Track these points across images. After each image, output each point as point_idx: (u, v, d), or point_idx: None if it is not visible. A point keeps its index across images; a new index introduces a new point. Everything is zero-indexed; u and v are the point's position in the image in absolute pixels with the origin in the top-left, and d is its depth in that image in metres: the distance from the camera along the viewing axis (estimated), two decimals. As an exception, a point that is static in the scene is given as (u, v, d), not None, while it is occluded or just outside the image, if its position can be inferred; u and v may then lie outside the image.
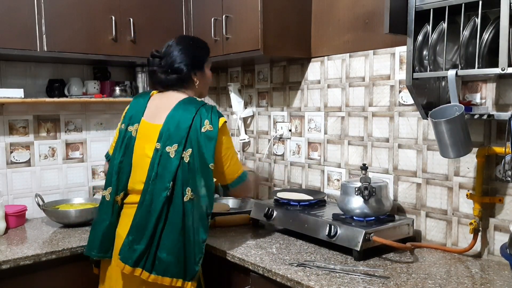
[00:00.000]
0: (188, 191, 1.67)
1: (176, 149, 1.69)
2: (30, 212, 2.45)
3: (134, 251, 1.65)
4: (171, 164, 1.68)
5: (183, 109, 1.74)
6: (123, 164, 1.80)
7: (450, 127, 1.55)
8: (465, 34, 1.56)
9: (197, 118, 1.71)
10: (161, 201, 1.66)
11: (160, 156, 1.70)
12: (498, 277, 1.60)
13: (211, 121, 1.71)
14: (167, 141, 1.70)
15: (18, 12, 2.13)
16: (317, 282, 1.55)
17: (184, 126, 1.70)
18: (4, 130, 2.44)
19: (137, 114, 1.83)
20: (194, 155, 1.68)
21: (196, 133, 1.69)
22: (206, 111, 1.73)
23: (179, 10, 2.67)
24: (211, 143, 1.69)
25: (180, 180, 1.68)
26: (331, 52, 2.36)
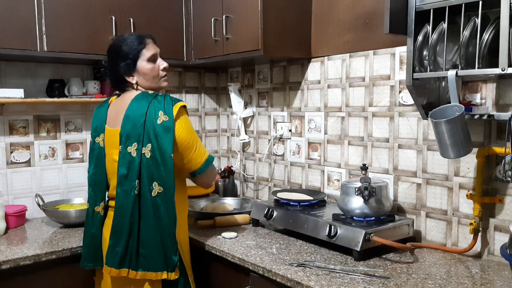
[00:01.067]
0: (155, 185, 1.69)
1: (136, 147, 1.70)
2: (30, 212, 2.45)
3: (116, 253, 1.70)
4: (133, 163, 1.70)
5: (135, 106, 1.74)
6: (96, 176, 1.86)
7: (450, 127, 1.55)
8: (465, 34, 1.56)
9: (151, 111, 1.70)
10: (131, 201, 1.70)
11: (122, 158, 1.73)
12: (498, 277, 1.60)
13: (165, 111, 1.70)
14: (126, 141, 1.72)
15: (18, 12, 2.13)
16: (317, 282, 1.55)
17: (139, 123, 1.70)
18: (4, 130, 2.44)
19: (100, 124, 1.86)
20: (154, 149, 1.68)
21: (152, 126, 1.69)
22: (158, 102, 1.72)
23: (179, 10, 2.67)
24: (169, 133, 1.68)
25: (145, 176, 1.69)
26: (331, 52, 2.36)
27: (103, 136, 1.84)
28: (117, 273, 1.71)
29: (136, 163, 1.70)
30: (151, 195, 1.69)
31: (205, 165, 1.78)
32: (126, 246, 1.70)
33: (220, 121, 3.20)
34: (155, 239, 1.70)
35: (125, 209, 1.71)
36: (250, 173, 2.93)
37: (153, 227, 1.70)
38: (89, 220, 1.87)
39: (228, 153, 3.15)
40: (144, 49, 1.81)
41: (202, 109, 3.14)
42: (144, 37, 1.84)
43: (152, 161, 1.69)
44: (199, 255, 2.04)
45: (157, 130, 1.68)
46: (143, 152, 1.70)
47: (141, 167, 1.70)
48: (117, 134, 1.76)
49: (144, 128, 1.69)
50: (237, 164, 3.01)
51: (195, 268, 1.92)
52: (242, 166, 2.99)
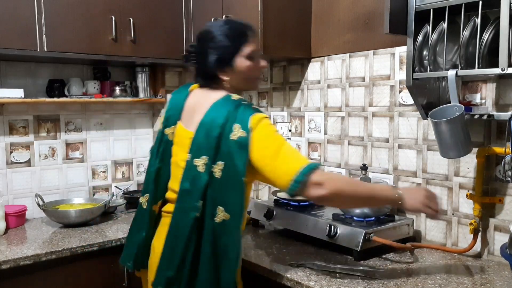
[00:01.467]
0: (220, 211, 1.44)
1: (206, 162, 1.45)
2: (30, 212, 2.45)
3: (163, 276, 1.49)
4: (200, 180, 1.45)
5: (214, 113, 1.47)
6: (162, 172, 1.63)
7: (450, 127, 1.55)
8: (465, 34, 1.56)
9: (228, 124, 1.44)
10: (189, 222, 1.45)
11: (188, 170, 1.49)
12: (498, 277, 1.60)
13: (242, 125, 1.42)
14: (196, 152, 1.48)
15: (18, 12, 2.13)
16: (317, 282, 1.55)
17: (213, 135, 1.44)
18: (4, 130, 2.44)
19: (174, 115, 1.62)
20: (227, 168, 1.43)
21: (227, 142, 1.43)
22: (237, 113, 1.44)
23: (179, 10, 2.67)
24: (244, 152, 1.41)
25: (210, 198, 1.45)
26: (331, 52, 2.36)
27: (173, 129, 1.61)
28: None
29: (203, 180, 1.44)
30: (214, 221, 1.44)
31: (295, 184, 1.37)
32: (177, 272, 1.46)
33: (220, 121, 3.20)
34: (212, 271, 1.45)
35: (181, 230, 1.47)
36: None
37: (209, 258, 1.45)
38: (143, 218, 1.65)
39: (228, 153, 3.15)
40: (246, 43, 1.54)
41: (202, 109, 3.13)
42: (246, 28, 1.57)
43: (221, 182, 1.44)
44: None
45: (231, 147, 1.42)
46: (212, 170, 1.44)
47: (207, 187, 1.45)
48: (189, 138, 1.52)
49: (218, 142, 1.44)
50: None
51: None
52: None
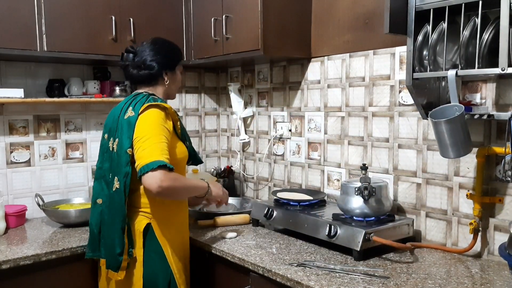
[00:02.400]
0: (115, 180, 1.70)
1: (112, 142, 1.75)
2: (30, 212, 2.45)
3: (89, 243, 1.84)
4: (109, 158, 1.75)
5: (120, 104, 1.80)
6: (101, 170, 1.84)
7: (450, 127, 1.55)
8: (465, 34, 1.56)
9: (125, 107, 1.74)
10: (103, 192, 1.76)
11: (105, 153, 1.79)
12: (498, 277, 1.60)
13: (134, 108, 1.71)
14: (109, 136, 1.78)
15: (18, 12, 2.13)
16: (317, 282, 1.55)
17: (115, 118, 1.75)
18: (4, 130, 2.44)
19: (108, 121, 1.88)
20: (119, 143, 1.71)
21: (121, 120, 1.72)
22: (135, 99, 1.75)
23: (179, 10, 2.67)
24: (130, 129, 1.67)
25: (111, 170, 1.74)
26: (331, 52, 2.36)
27: None
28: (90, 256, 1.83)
29: (107, 156, 1.76)
30: (112, 189, 1.71)
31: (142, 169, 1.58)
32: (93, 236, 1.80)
33: (220, 121, 3.20)
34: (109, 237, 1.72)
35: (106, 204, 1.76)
36: (250, 173, 2.93)
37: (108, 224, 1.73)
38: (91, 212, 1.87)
39: (228, 153, 3.15)
40: (181, 61, 1.94)
41: (202, 109, 3.14)
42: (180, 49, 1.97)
43: (116, 156, 1.71)
44: (199, 255, 2.04)
45: (123, 124, 1.70)
46: (113, 146, 1.74)
47: (111, 162, 1.74)
48: None
49: (117, 123, 1.74)
50: (237, 164, 3.01)
51: (195, 268, 1.92)
52: (242, 166, 2.99)
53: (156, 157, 1.59)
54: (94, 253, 1.84)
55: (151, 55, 1.82)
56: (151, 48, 1.84)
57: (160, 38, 1.91)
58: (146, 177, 1.58)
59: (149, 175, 1.57)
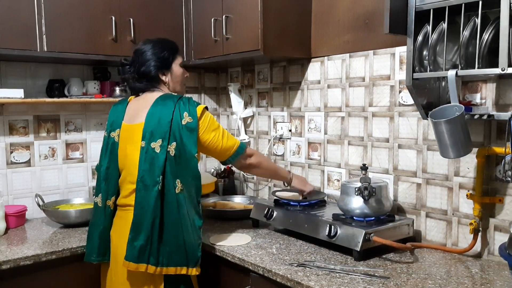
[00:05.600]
0: (178, 183, 1.73)
1: (161, 144, 1.74)
2: (30, 212, 2.45)
3: (134, 247, 1.70)
4: (158, 159, 1.73)
5: (161, 105, 1.79)
6: (110, 170, 1.87)
7: (450, 127, 1.55)
8: (465, 34, 1.56)
9: (177, 112, 1.76)
10: (154, 196, 1.71)
11: (146, 153, 1.75)
12: (498, 277, 1.60)
13: (190, 112, 1.77)
14: (151, 137, 1.75)
15: (18, 12, 2.13)
16: (317, 282, 1.55)
17: (165, 121, 1.75)
18: (4, 130, 2.44)
19: (117, 119, 1.90)
20: (179, 147, 1.74)
21: (178, 126, 1.75)
22: (183, 104, 1.79)
23: (179, 10, 2.67)
24: (193, 134, 1.76)
25: (169, 173, 1.73)
26: (331, 52, 2.36)
27: (118, 131, 1.87)
28: (135, 267, 1.69)
29: (160, 158, 1.73)
30: (175, 191, 1.72)
31: (234, 155, 1.89)
32: (146, 241, 1.69)
33: (220, 121, 3.20)
34: (177, 236, 1.72)
35: (146, 204, 1.71)
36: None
37: (176, 223, 1.72)
38: (100, 215, 1.87)
39: (228, 153, 3.15)
40: (178, 54, 1.95)
41: (202, 109, 3.14)
42: (176, 44, 1.98)
43: (176, 159, 1.74)
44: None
45: (182, 130, 1.75)
46: (168, 149, 1.73)
47: (165, 163, 1.73)
48: (137, 129, 1.80)
49: (170, 126, 1.75)
50: (237, 164, 3.00)
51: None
52: (242, 166, 2.99)
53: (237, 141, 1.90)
54: (104, 257, 1.86)
55: (143, 63, 1.87)
56: (142, 54, 1.88)
57: (149, 41, 1.92)
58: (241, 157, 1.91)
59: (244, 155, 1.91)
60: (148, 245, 1.70)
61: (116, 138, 1.87)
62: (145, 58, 1.87)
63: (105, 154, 1.90)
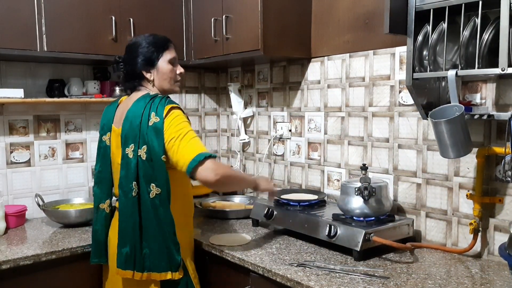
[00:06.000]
0: (152, 187, 1.69)
1: (133, 149, 1.70)
2: (30, 212, 2.45)
3: (121, 254, 1.72)
4: (130, 164, 1.70)
5: (135, 107, 1.74)
6: (102, 174, 1.88)
7: (450, 127, 1.55)
8: (465, 34, 1.56)
9: (146, 113, 1.69)
10: (130, 202, 1.70)
11: (122, 159, 1.73)
12: (498, 277, 1.60)
13: (157, 112, 1.68)
14: (125, 143, 1.73)
15: (18, 12, 2.13)
16: (317, 282, 1.55)
17: (135, 125, 1.70)
18: (4, 130, 2.44)
19: (108, 122, 1.87)
20: (150, 150, 1.67)
21: (146, 128, 1.68)
22: (154, 103, 1.71)
23: (179, 10, 2.67)
24: (159, 135, 1.66)
25: (142, 178, 1.69)
26: (331, 52, 2.36)
27: (109, 134, 1.86)
28: (123, 274, 1.72)
29: (132, 164, 1.70)
30: (149, 196, 1.69)
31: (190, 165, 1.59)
32: (131, 247, 1.71)
33: (220, 121, 3.20)
34: (157, 240, 1.70)
35: (126, 210, 1.73)
36: (250, 173, 2.93)
37: (155, 228, 1.70)
38: (95, 217, 1.91)
39: (228, 153, 3.15)
40: (167, 50, 1.85)
41: (202, 109, 3.14)
42: (167, 39, 1.88)
43: (148, 163, 1.68)
44: (199, 254, 2.03)
45: (149, 132, 1.67)
46: (139, 154, 1.69)
47: (138, 169, 1.69)
48: (118, 135, 1.78)
49: (140, 129, 1.69)
50: (237, 164, 3.01)
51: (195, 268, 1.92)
52: (242, 166, 2.99)
53: (199, 150, 1.61)
54: (100, 259, 1.89)
55: (129, 60, 1.83)
56: (129, 52, 1.85)
57: (136, 38, 1.88)
58: (199, 171, 1.58)
59: (202, 168, 1.58)
60: (133, 251, 1.71)
61: (108, 141, 1.86)
62: (132, 55, 1.83)
63: (98, 158, 1.90)
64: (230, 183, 1.74)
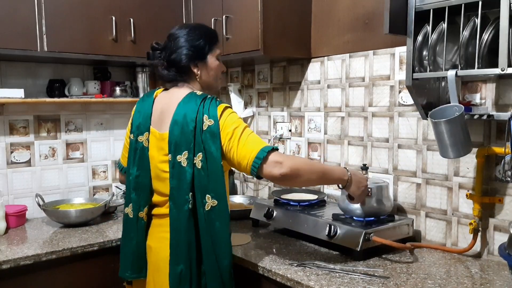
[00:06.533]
0: (208, 198, 1.53)
1: (187, 157, 1.54)
2: (31, 212, 2.45)
3: (175, 271, 1.55)
4: (184, 174, 1.54)
5: (184, 110, 1.57)
6: (140, 179, 1.68)
7: (450, 128, 1.55)
8: (465, 34, 1.56)
9: (200, 116, 1.54)
10: (185, 216, 1.54)
11: (172, 167, 1.57)
12: (498, 277, 1.60)
13: (210, 114, 1.53)
14: (176, 150, 1.56)
15: (19, 12, 2.13)
16: (317, 282, 1.55)
17: (188, 130, 1.54)
18: (5, 130, 2.45)
19: (144, 122, 1.68)
20: (206, 158, 1.53)
21: (200, 133, 1.53)
22: (205, 105, 1.56)
23: (179, 10, 2.67)
24: (216, 139, 1.52)
25: (198, 189, 1.54)
26: (331, 53, 2.36)
27: (147, 135, 1.67)
28: None
29: (188, 174, 1.53)
30: (204, 209, 1.53)
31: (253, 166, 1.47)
32: (186, 265, 1.54)
33: (220, 121, 3.20)
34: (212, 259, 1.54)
35: (179, 224, 1.55)
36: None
37: (209, 246, 1.54)
38: (131, 227, 1.69)
39: (228, 153, 3.15)
40: (216, 44, 1.72)
41: (202, 109, 3.13)
42: (216, 33, 1.75)
43: (203, 172, 1.53)
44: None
45: (204, 137, 1.52)
46: (194, 162, 1.53)
47: (193, 179, 1.53)
48: (164, 140, 1.61)
49: (194, 135, 1.53)
50: (237, 164, 3.00)
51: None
52: (242, 166, 2.99)
53: (260, 145, 1.48)
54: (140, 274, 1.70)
55: (174, 49, 1.65)
56: (176, 39, 1.66)
57: (186, 25, 1.72)
58: (265, 167, 1.46)
59: (266, 164, 1.46)
60: (188, 269, 1.54)
61: (145, 143, 1.66)
62: (178, 44, 1.64)
63: (134, 161, 1.69)
64: (303, 175, 1.53)
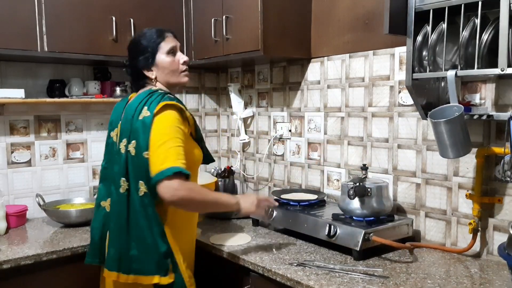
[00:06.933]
0: (141, 185, 1.59)
1: (125, 144, 1.63)
2: (31, 212, 2.45)
3: (109, 255, 1.64)
4: (121, 160, 1.63)
5: (133, 102, 1.68)
6: (107, 171, 1.75)
7: (449, 128, 1.55)
8: (464, 34, 1.56)
9: (139, 107, 1.62)
10: (119, 199, 1.63)
11: (117, 154, 1.66)
12: (497, 277, 1.61)
13: (149, 107, 1.59)
14: (120, 137, 1.66)
15: (19, 12, 2.13)
16: (316, 281, 1.55)
17: (129, 118, 1.63)
18: (5, 130, 2.45)
19: (116, 118, 1.78)
20: (137, 146, 1.59)
21: (136, 121, 1.60)
22: (151, 99, 1.63)
23: (179, 10, 2.67)
24: (146, 130, 1.57)
25: (132, 174, 1.61)
26: (331, 53, 2.37)
27: (117, 130, 1.74)
28: (109, 275, 1.63)
29: (122, 160, 1.63)
30: (138, 194, 1.60)
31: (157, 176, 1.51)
32: (117, 248, 1.62)
33: (220, 121, 3.21)
34: (146, 241, 1.59)
35: (115, 208, 1.65)
36: (250, 173, 2.94)
37: (143, 228, 1.59)
38: (94, 215, 1.78)
39: (228, 153, 3.16)
40: (163, 42, 1.73)
41: (202, 109, 3.14)
42: (163, 30, 1.77)
43: (136, 159, 1.59)
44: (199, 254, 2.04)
45: (138, 126, 1.59)
46: (128, 149, 1.61)
47: (127, 165, 1.61)
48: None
49: (131, 123, 1.62)
50: (237, 164, 3.01)
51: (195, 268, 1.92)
52: (242, 166, 3.00)
53: (172, 163, 1.51)
54: (93, 259, 1.75)
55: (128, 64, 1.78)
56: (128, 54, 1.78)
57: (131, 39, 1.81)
58: (160, 185, 1.50)
59: (164, 183, 1.50)
60: (118, 252, 1.61)
61: (115, 138, 1.75)
62: (131, 56, 1.77)
63: (105, 154, 1.80)
64: (193, 206, 1.64)
